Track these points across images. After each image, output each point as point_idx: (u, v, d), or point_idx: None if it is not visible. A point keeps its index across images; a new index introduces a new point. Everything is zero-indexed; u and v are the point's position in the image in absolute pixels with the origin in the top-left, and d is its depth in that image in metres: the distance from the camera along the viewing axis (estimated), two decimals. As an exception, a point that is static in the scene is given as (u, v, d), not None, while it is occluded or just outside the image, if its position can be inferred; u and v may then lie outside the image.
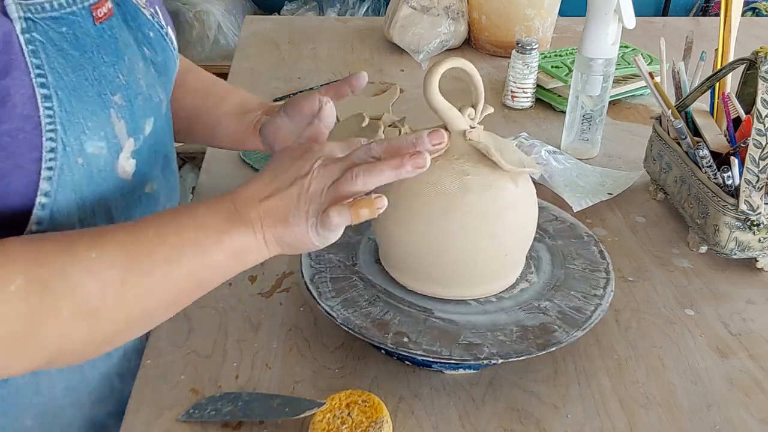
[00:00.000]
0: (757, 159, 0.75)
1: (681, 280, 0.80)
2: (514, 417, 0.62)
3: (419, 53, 1.40)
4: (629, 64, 1.25)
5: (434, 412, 0.62)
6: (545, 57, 1.27)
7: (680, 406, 0.64)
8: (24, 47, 0.51)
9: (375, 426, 0.57)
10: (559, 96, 1.20)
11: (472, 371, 0.66)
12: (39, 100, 0.51)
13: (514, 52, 1.19)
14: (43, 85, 0.52)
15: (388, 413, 0.59)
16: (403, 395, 0.64)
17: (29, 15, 0.51)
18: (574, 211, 0.91)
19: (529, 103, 1.22)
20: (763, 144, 0.75)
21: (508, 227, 0.65)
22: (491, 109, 0.67)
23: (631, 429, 0.61)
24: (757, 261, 0.81)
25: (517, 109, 1.21)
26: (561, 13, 1.50)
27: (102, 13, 0.58)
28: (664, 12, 2.83)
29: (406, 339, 0.62)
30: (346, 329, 0.63)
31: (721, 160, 0.82)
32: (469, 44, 1.50)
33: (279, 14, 2.59)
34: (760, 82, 0.74)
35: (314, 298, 0.66)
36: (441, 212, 0.64)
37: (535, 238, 0.73)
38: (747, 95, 0.86)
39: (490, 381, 0.65)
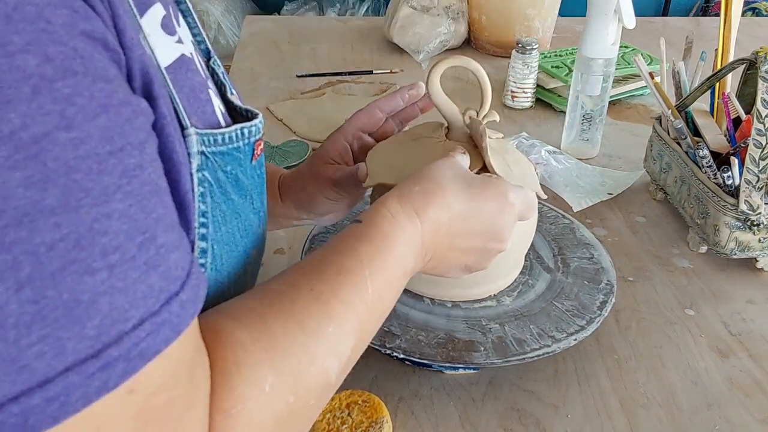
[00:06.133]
0: (757, 159, 0.75)
1: (681, 280, 0.80)
2: (514, 417, 0.62)
3: (419, 53, 1.40)
4: (629, 64, 1.25)
5: (434, 412, 0.62)
6: (545, 57, 1.27)
7: (680, 406, 0.64)
8: (195, 189, 0.40)
9: (375, 426, 0.57)
10: (559, 96, 1.20)
11: (472, 371, 0.66)
12: (195, 255, 0.42)
13: (514, 52, 1.19)
14: (203, 237, 0.42)
15: (388, 413, 0.59)
16: (403, 395, 0.64)
17: (203, 149, 0.41)
18: (574, 210, 0.91)
19: (529, 103, 1.22)
20: (763, 144, 0.75)
21: None
22: (497, 117, 0.65)
23: (631, 429, 0.61)
24: (757, 261, 0.81)
25: (517, 109, 1.21)
26: (561, 13, 1.50)
27: (259, 150, 0.48)
28: (664, 12, 2.83)
29: (398, 341, 0.62)
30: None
31: (721, 160, 0.82)
32: (469, 44, 1.50)
33: (279, 14, 2.59)
34: (760, 82, 0.74)
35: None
36: None
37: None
38: (747, 95, 0.86)
39: (490, 381, 0.65)
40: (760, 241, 0.79)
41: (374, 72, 1.34)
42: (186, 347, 0.35)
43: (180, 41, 0.42)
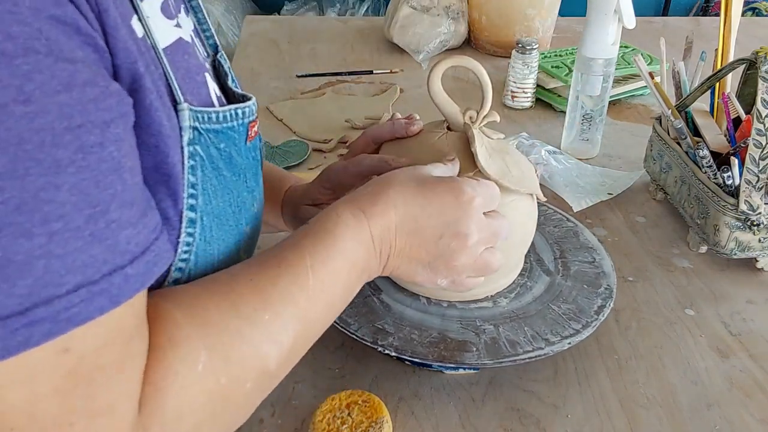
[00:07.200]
0: (757, 159, 0.75)
1: (681, 280, 0.80)
2: (514, 417, 0.62)
3: (419, 53, 1.40)
4: (629, 64, 1.25)
5: (434, 412, 0.62)
6: (545, 57, 1.27)
7: (680, 406, 0.64)
8: (186, 161, 0.43)
9: (375, 426, 0.57)
10: (559, 96, 1.20)
11: (472, 371, 0.66)
12: (184, 223, 0.44)
13: (514, 52, 1.19)
14: (192, 208, 0.44)
15: (388, 413, 0.59)
16: (403, 395, 0.64)
17: (196, 124, 0.44)
18: (574, 210, 0.91)
19: (529, 103, 1.22)
20: (763, 144, 0.75)
21: None
22: (497, 118, 0.64)
23: (631, 429, 0.61)
24: (757, 261, 0.81)
25: (517, 109, 1.21)
26: (561, 13, 1.50)
27: (254, 132, 0.51)
28: (664, 12, 2.84)
29: (390, 338, 0.62)
30: (340, 327, 0.63)
31: (721, 160, 0.82)
32: (469, 44, 1.50)
33: (279, 14, 2.59)
34: (760, 82, 0.74)
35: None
36: None
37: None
38: (747, 95, 0.86)
39: (490, 381, 0.65)
40: (760, 241, 0.79)
41: (374, 72, 1.34)
42: (126, 317, 0.36)
43: (178, 26, 0.45)
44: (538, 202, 0.68)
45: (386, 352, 0.61)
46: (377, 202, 0.52)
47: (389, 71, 1.35)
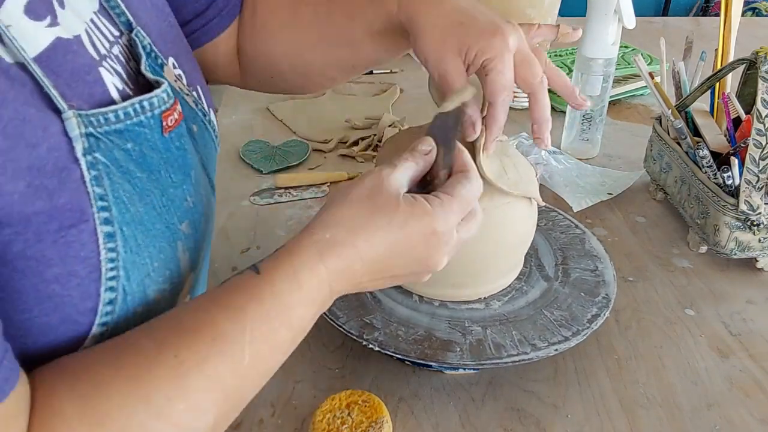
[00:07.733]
0: (757, 159, 0.75)
1: (681, 280, 0.80)
2: (514, 417, 0.62)
3: (419, 53, 1.40)
4: (629, 64, 1.25)
5: (434, 412, 0.62)
6: (545, 57, 1.27)
7: (680, 406, 0.64)
8: (85, 173, 0.39)
9: (375, 426, 0.57)
10: (560, 96, 1.20)
11: (472, 371, 0.66)
12: (101, 240, 0.40)
13: (514, 52, 1.19)
14: (106, 221, 0.40)
15: (388, 413, 0.59)
16: (403, 395, 0.64)
17: (90, 130, 0.39)
18: (574, 210, 0.91)
19: (529, 103, 1.22)
20: (763, 144, 0.75)
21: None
22: (503, 137, 0.63)
23: (631, 429, 0.61)
24: (757, 261, 0.81)
25: (517, 109, 1.21)
26: (561, 13, 1.50)
27: (173, 121, 0.45)
28: (664, 12, 2.84)
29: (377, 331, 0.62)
30: (328, 319, 0.63)
31: (721, 160, 0.82)
32: (469, 44, 1.50)
33: (279, 14, 2.58)
34: (760, 82, 0.74)
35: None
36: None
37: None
38: (747, 95, 0.86)
39: (490, 381, 0.65)
40: (760, 241, 0.79)
41: (374, 72, 1.34)
42: None
43: (53, 24, 0.40)
44: (545, 207, 0.68)
45: (370, 346, 0.61)
46: (342, 254, 0.46)
47: (389, 71, 1.35)
